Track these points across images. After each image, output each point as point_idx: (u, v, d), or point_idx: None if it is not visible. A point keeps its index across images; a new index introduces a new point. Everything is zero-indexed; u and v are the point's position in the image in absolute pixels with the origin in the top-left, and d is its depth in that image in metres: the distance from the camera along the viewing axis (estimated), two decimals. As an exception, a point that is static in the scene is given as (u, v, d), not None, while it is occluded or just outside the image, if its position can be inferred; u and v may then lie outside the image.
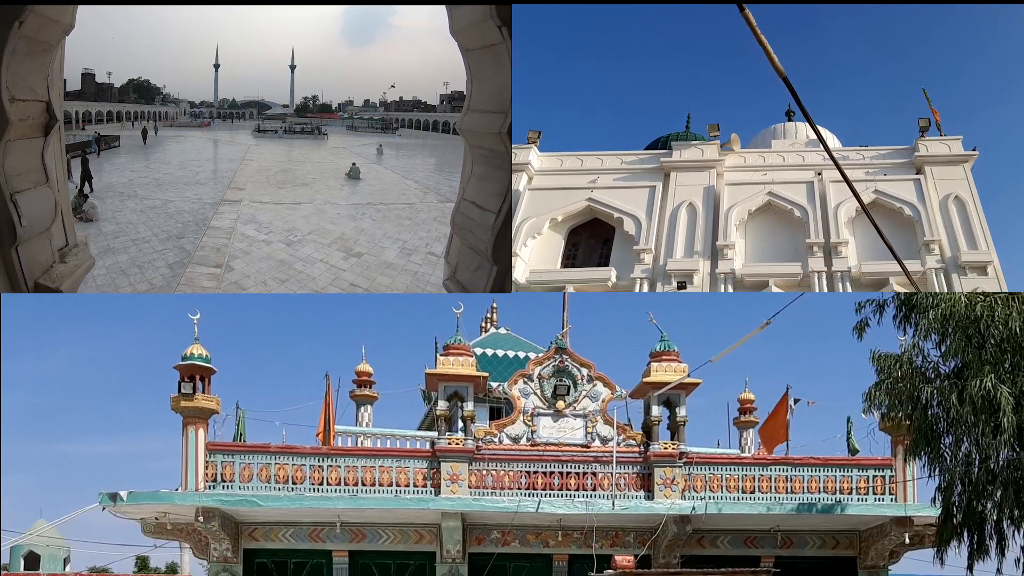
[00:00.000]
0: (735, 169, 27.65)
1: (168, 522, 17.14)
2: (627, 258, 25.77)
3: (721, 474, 17.83)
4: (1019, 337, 13.59)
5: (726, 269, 24.81)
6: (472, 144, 6.89)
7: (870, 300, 15.12)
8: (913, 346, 14.74)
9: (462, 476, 17.28)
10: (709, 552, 17.89)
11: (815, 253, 24.77)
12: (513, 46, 6.54)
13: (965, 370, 14.12)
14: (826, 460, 18.00)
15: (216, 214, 32.61)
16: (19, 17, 5.70)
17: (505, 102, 6.30)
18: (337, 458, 17.37)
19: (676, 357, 17.88)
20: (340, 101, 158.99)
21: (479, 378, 17.78)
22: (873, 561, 18.09)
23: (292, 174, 52.04)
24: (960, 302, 14.13)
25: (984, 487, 14.48)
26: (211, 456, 17.08)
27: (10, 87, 5.92)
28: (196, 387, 17.11)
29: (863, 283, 24.21)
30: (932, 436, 14.68)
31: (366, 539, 17.56)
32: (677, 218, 26.12)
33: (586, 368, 18.07)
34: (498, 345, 23.19)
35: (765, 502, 17.54)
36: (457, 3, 5.93)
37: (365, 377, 22.05)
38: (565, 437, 17.78)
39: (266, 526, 17.46)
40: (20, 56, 5.93)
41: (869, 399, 14.83)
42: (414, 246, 28.00)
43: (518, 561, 17.88)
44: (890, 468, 17.84)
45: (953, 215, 25.06)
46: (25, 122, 6.21)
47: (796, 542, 18.18)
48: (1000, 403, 13.41)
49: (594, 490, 17.50)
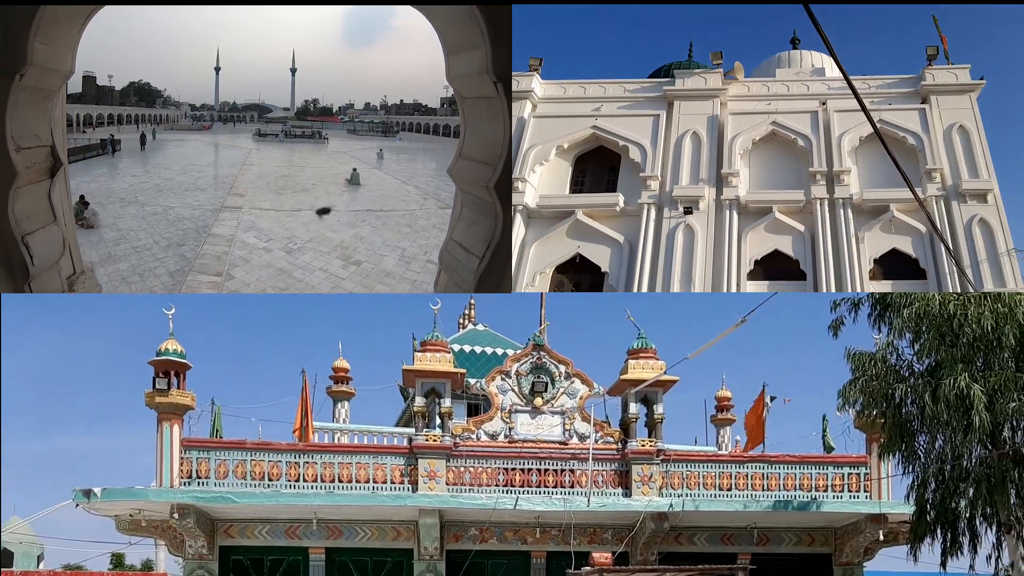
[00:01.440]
0: (739, 98, 27.89)
1: (143, 519, 17.14)
2: (634, 185, 26.21)
3: (698, 471, 18.07)
4: (991, 335, 13.88)
5: (731, 196, 25.35)
6: (462, 189, 7.03)
7: (845, 299, 15.40)
8: (888, 344, 15.04)
9: (440, 473, 17.40)
10: (686, 549, 18.10)
11: (818, 181, 25.32)
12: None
13: (939, 368, 14.43)
14: (802, 458, 18.30)
15: (217, 221, 32.88)
16: (19, 71, 5.86)
17: (495, 155, 6.41)
18: (314, 454, 17.45)
19: (653, 355, 18.08)
20: (341, 104, 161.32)
21: (456, 374, 17.90)
22: (848, 558, 18.37)
23: (292, 180, 52.49)
24: (934, 301, 14.40)
25: (957, 484, 14.81)
26: (186, 452, 17.12)
27: (15, 137, 6.07)
28: (171, 383, 17.16)
29: (864, 210, 24.85)
30: (906, 434, 14.98)
31: (343, 536, 17.64)
32: (682, 146, 26.50)
33: (564, 365, 18.24)
34: (476, 342, 23.31)
35: (742, 499, 17.80)
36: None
37: (342, 373, 22.08)
38: (543, 434, 17.94)
39: (242, 523, 17.50)
40: (22, 106, 6.08)
41: (844, 397, 15.11)
42: (413, 254, 28.20)
43: (496, 558, 18.02)
44: (865, 466, 18.15)
45: (956, 144, 25.49)
46: (32, 168, 6.37)
47: (772, 539, 18.44)
48: (973, 401, 13.72)
49: (572, 487, 17.67)
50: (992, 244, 23.62)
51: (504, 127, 6.27)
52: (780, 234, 24.98)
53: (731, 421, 22.37)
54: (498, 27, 6.14)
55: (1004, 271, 23.08)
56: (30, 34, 5.87)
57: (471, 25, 6.22)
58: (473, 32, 6.23)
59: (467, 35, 6.37)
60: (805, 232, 24.71)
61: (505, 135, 6.27)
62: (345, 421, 21.44)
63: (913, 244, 24.29)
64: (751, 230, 24.98)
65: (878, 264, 24.40)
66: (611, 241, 25.30)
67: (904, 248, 24.28)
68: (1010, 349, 14.04)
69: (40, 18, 5.86)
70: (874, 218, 24.57)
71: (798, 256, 24.54)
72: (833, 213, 24.85)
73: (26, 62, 5.89)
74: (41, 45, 6.01)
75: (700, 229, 24.75)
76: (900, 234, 24.33)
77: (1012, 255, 23.30)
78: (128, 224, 31.47)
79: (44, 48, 6.10)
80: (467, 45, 6.40)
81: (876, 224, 24.52)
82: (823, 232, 24.37)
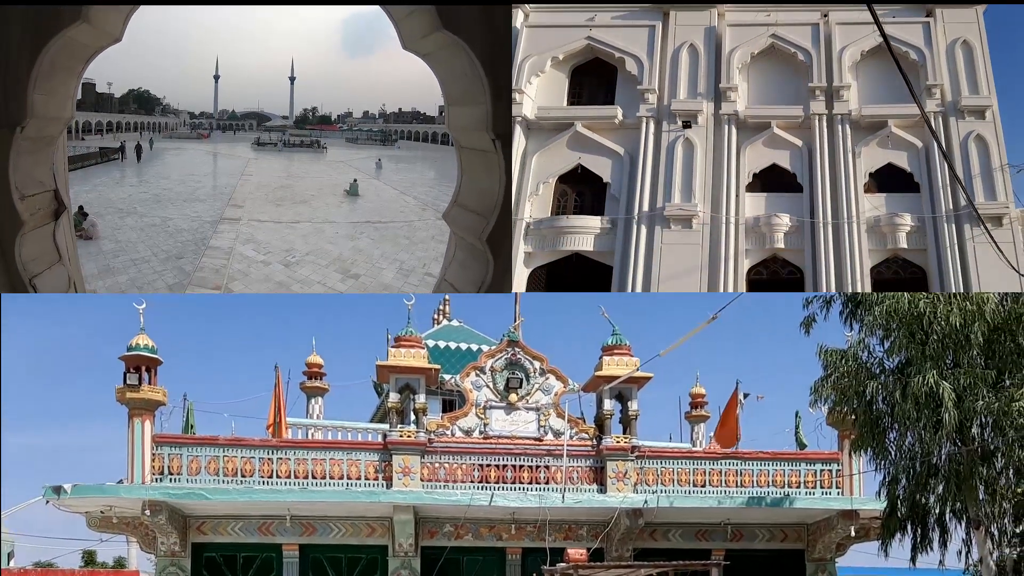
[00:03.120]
0: (737, 8, 27.63)
1: (114, 516, 17.12)
2: (632, 98, 26.31)
3: (673, 468, 18.37)
4: (960, 333, 14.22)
5: (729, 111, 25.58)
6: (455, 233, 7.18)
7: (817, 296, 15.70)
8: (859, 342, 15.34)
9: (414, 469, 17.57)
10: (661, 545, 18.36)
11: (817, 96, 25.55)
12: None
13: (909, 366, 14.77)
14: (775, 454, 18.66)
15: (215, 233, 32.99)
16: (20, 124, 5.99)
17: (489, 208, 6.51)
18: (287, 450, 17.58)
19: (628, 351, 18.34)
20: (339, 113, 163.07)
21: (431, 370, 18.07)
22: (820, 554, 18.73)
23: (291, 190, 52.71)
24: (903, 299, 14.72)
25: (927, 481, 15.16)
26: (158, 448, 17.21)
27: (19, 187, 6.18)
28: (142, 378, 17.18)
29: (863, 125, 25.24)
30: (877, 431, 15.31)
31: (317, 532, 17.75)
32: (679, 59, 26.55)
33: (538, 361, 18.45)
34: (450, 337, 23.43)
35: (716, 496, 18.12)
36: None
37: (316, 369, 22.15)
38: (518, 430, 18.15)
39: (215, 520, 17.56)
40: (24, 156, 6.19)
41: (816, 394, 15.42)
42: (411, 266, 28.39)
43: (471, 555, 18.19)
44: (837, 462, 18.52)
45: (959, 60, 25.73)
46: (37, 215, 6.50)
47: (746, 535, 18.77)
48: (942, 398, 14.05)
49: (547, 483, 17.91)
50: (987, 161, 24.23)
51: (500, 181, 6.40)
52: (778, 149, 25.45)
53: (705, 418, 22.69)
54: (501, 85, 6.29)
55: (996, 187, 23.80)
56: (28, 87, 5.99)
57: (474, 80, 6.36)
58: (475, 88, 6.37)
59: (469, 90, 6.51)
60: (803, 147, 25.19)
61: (500, 189, 6.40)
62: (319, 417, 21.53)
63: (909, 159, 24.87)
64: (749, 145, 25.36)
65: (873, 178, 25.03)
66: (611, 153, 25.62)
67: (900, 163, 24.88)
68: (978, 347, 14.38)
69: (38, 70, 5.99)
70: (871, 133, 25.05)
71: (795, 170, 25.13)
72: (831, 129, 25.28)
73: (26, 115, 6.03)
74: (40, 96, 6.14)
75: (699, 143, 25.08)
76: (896, 149, 24.93)
77: (1005, 171, 23.97)
78: (127, 235, 31.72)
79: (43, 99, 6.22)
80: (469, 99, 6.54)
81: (873, 139, 24.99)
82: (820, 147, 24.86)
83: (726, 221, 24.46)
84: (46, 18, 6.02)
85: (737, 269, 24.38)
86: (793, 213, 24.58)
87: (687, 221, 24.29)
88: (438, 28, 6.21)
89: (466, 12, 6.23)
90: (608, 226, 25.01)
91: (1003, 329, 14.56)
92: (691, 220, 24.25)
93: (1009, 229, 23.52)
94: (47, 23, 6.03)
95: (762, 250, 24.75)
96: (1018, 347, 14.44)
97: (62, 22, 6.02)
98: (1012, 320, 14.54)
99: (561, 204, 26.21)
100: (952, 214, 23.98)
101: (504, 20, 6.24)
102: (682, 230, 24.40)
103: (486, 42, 6.29)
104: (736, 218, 24.62)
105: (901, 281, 24.82)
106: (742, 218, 24.68)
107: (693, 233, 24.36)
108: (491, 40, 6.30)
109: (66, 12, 6.04)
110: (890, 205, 24.78)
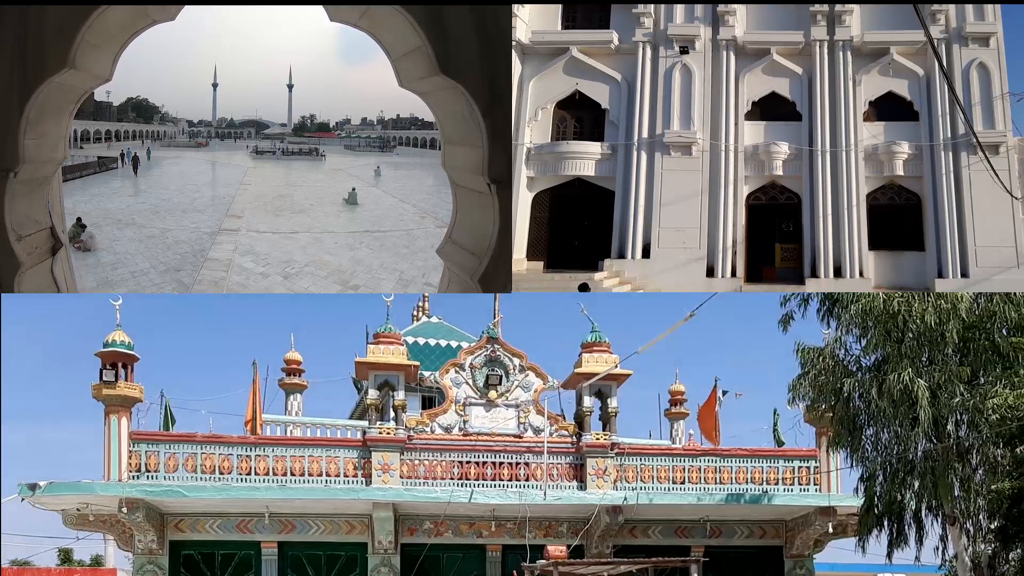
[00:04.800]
0: None
1: (91, 513, 17.24)
2: (628, 23, 26.45)
3: (652, 465, 18.62)
4: (934, 331, 14.53)
5: (727, 36, 25.83)
6: (449, 268, 7.26)
7: (795, 294, 15.97)
8: (836, 340, 15.65)
9: (393, 466, 17.72)
10: (641, 542, 18.65)
11: (818, 22, 25.80)
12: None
13: (885, 363, 15.10)
14: (753, 451, 18.97)
15: (214, 244, 33.10)
16: (12, 169, 6.04)
17: (483, 248, 6.47)
18: (266, 447, 17.72)
19: (607, 348, 18.56)
20: (338, 120, 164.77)
21: (410, 367, 18.22)
22: (798, 550, 19.05)
23: (290, 200, 52.95)
24: (879, 298, 15.02)
25: (903, 477, 15.46)
26: (135, 445, 17.29)
27: (16, 228, 6.23)
28: (118, 375, 17.25)
29: (863, 52, 25.61)
30: (854, 428, 15.66)
31: (296, 530, 17.89)
32: None
33: (518, 358, 18.64)
34: (429, 334, 23.53)
35: (695, 492, 18.39)
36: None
37: (294, 365, 22.22)
38: (497, 427, 18.35)
39: (192, 517, 17.68)
40: (19, 198, 6.22)
41: (794, 391, 15.71)
42: (411, 276, 28.56)
43: (451, 552, 18.38)
44: (814, 459, 18.85)
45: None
46: (34, 253, 6.55)
47: (725, 532, 19.07)
48: (917, 396, 14.37)
49: (527, 480, 18.10)
50: (988, 89, 24.73)
51: (494, 223, 6.43)
52: (778, 76, 25.78)
53: (684, 415, 22.94)
54: (498, 129, 6.33)
55: (995, 116, 24.34)
56: (19, 133, 6.00)
57: (471, 125, 6.40)
58: (473, 132, 6.41)
59: (467, 133, 6.54)
60: (803, 75, 25.48)
61: (494, 231, 6.45)
62: (298, 414, 21.61)
63: (909, 87, 25.31)
64: (749, 72, 25.63)
65: (873, 106, 25.49)
66: (609, 79, 25.87)
67: (900, 91, 25.31)
68: (953, 345, 14.72)
69: (27, 117, 6.01)
70: (872, 61, 25.37)
71: (795, 98, 25.48)
72: (832, 55, 25.57)
73: (19, 162, 6.06)
74: (32, 141, 6.17)
75: (697, 70, 25.33)
76: (897, 77, 25.34)
77: (1005, 99, 24.52)
78: (125, 247, 31.84)
79: (35, 143, 6.24)
80: (465, 141, 6.58)
81: (874, 67, 25.36)
82: (820, 74, 25.18)
83: (725, 149, 24.90)
84: (32, 65, 6.03)
85: (736, 195, 25.10)
86: (792, 141, 25.00)
87: (687, 148, 24.78)
88: (435, 72, 6.27)
89: (465, 55, 6.27)
90: (608, 152, 25.48)
91: (977, 327, 14.93)
92: (690, 147, 24.77)
93: (1005, 157, 24.08)
94: (33, 70, 6.06)
95: (761, 177, 25.44)
96: (992, 345, 14.80)
97: (49, 70, 6.06)
98: (986, 318, 14.90)
99: (561, 130, 26.72)
100: (950, 142, 24.49)
101: (504, 63, 6.29)
102: (682, 157, 24.94)
103: (485, 86, 6.33)
104: (735, 146, 25.09)
105: (896, 207, 25.61)
106: (741, 146, 25.16)
107: (693, 160, 24.89)
108: (490, 84, 6.34)
109: (53, 59, 6.05)
110: (889, 134, 25.26)
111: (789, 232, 26.15)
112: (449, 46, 6.24)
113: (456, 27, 6.24)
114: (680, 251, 24.86)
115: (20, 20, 5.95)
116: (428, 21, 6.21)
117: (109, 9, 6.08)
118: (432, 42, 6.22)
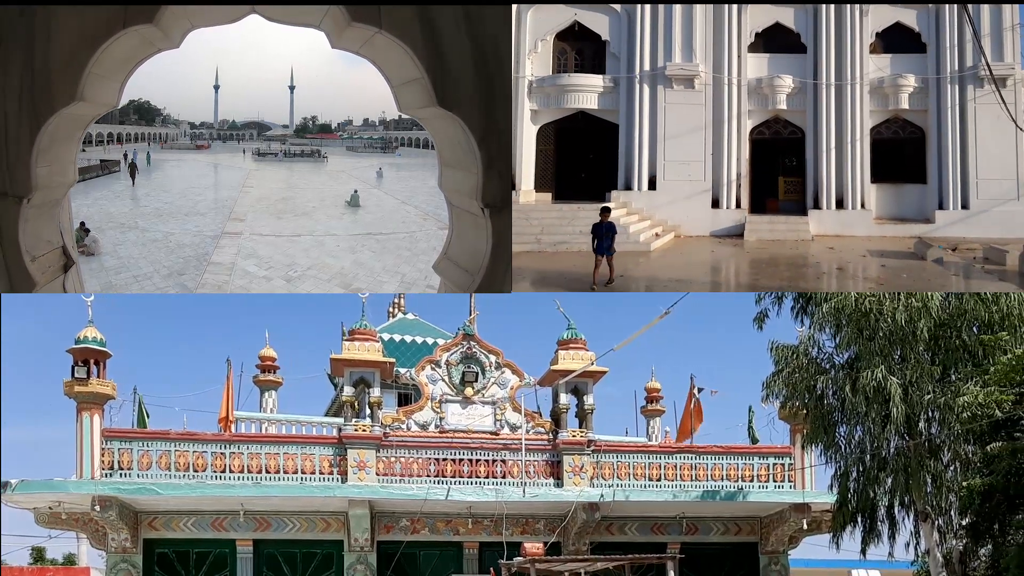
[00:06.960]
0: None
1: (63, 512, 17.32)
2: None
3: (629, 462, 18.91)
4: (906, 329, 14.88)
5: None
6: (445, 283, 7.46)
7: (769, 292, 16.30)
8: (809, 338, 16.01)
9: (369, 463, 17.90)
10: (617, 539, 18.98)
11: None
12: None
13: (858, 361, 15.46)
14: (728, 448, 19.32)
15: (217, 248, 33.24)
16: (25, 196, 6.19)
17: (476, 267, 6.72)
18: (240, 444, 17.85)
19: (583, 345, 18.83)
20: (339, 121, 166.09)
21: (386, 364, 18.40)
22: (773, 546, 19.43)
23: (292, 202, 53.27)
24: (851, 296, 15.36)
25: (876, 474, 15.84)
26: (107, 443, 17.37)
27: (29, 249, 6.38)
28: (91, 371, 17.30)
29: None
30: (828, 425, 16.03)
31: (271, 528, 18.05)
32: None
33: (494, 355, 18.88)
34: (405, 331, 23.69)
35: (671, 490, 18.70)
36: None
37: (269, 362, 22.29)
38: (474, 424, 18.57)
39: (166, 515, 17.80)
40: (32, 221, 6.38)
41: (768, 389, 16.05)
42: (413, 279, 28.67)
43: (428, 549, 18.59)
44: (789, 456, 19.22)
45: None
46: (48, 272, 6.70)
47: (700, 528, 19.40)
48: (890, 393, 14.73)
49: (504, 477, 18.34)
50: (999, 21, 25.04)
51: (487, 244, 6.63)
52: (782, 5, 25.87)
53: (661, 412, 23.24)
54: (493, 156, 6.51)
55: (1004, 49, 24.63)
56: (31, 163, 6.15)
57: (467, 151, 6.58)
58: (468, 158, 6.58)
59: (463, 159, 6.71)
60: (808, 4, 25.60)
61: (487, 251, 6.63)
62: (273, 411, 21.68)
63: (918, 18, 25.53)
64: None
65: (880, 38, 25.74)
66: (608, 9, 25.97)
67: (908, 22, 25.54)
68: (924, 343, 15.11)
69: (39, 146, 6.17)
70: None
71: (799, 29, 25.66)
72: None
73: (31, 189, 6.21)
74: (43, 169, 6.32)
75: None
76: (905, 7, 25.55)
77: (1016, 31, 24.91)
78: (128, 251, 31.99)
79: (47, 170, 6.40)
80: (462, 166, 6.77)
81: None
82: (826, 4, 25.28)
83: (728, 82, 25.06)
84: (42, 99, 6.22)
85: (740, 129, 25.47)
86: (795, 74, 25.16)
87: (689, 81, 25.02)
88: (433, 103, 6.44)
89: (463, 87, 6.43)
90: (611, 84, 25.64)
91: (948, 325, 15.35)
92: (693, 80, 25.00)
93: (1012, 90, 24.46)
94: (43, 104, 6.23)
95: (764, 111, 25.81)
96: (962, 343, 15.23)
97: (58, 102, 6.23)
98: (956, 316, 15.29)
99: (561, 62, 26.95)
100: (956, 75, 24.79)
101: (501, 95, 6.46)
102: (684, 90, 25.19)
103: (481, 117, 6.50)
104: (739, 79, 25.27)
105: (900, 141, 26.00)
106: (744, 80, 25.33)
107: (695, 93, 25.14)
108: (486, 115, 6.51)
109: (62, 93, 6.22)
110: (895, 66, 25.56)
111: (792, 166, 26.61)
112: (447, 79, 6.44)
113: (455, 59, 6.43)
114: (685, 183, 25.23)
115: (28, 56, 6.16)
116: (427, 55, 6.40)
117: (115, 42, 6.27)
118: (431, 74, 6.41)
